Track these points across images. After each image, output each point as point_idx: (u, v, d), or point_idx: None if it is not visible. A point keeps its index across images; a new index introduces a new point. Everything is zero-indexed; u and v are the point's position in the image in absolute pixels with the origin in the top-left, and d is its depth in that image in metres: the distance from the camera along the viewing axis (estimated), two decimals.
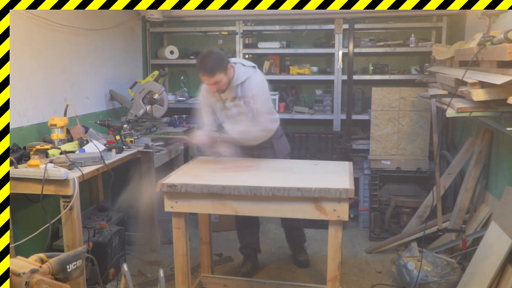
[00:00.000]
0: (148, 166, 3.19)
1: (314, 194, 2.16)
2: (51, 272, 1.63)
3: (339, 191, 2.15)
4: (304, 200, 2.20)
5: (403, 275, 2.89)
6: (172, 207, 2.34)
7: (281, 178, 2.37)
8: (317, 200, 2.18)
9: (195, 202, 2.32)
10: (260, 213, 2.35)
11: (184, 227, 2.39)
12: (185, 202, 2.33)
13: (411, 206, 3.77)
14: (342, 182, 2.30)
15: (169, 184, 2.29)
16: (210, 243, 2.95)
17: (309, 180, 2.31)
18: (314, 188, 2.16)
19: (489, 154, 3.15)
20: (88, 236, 2.87)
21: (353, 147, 4.19)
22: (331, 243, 2.23)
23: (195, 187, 2.26)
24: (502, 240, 2.44)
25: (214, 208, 2.33)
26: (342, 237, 2.24)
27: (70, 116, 3.06)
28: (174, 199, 2.33)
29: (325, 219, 2.21)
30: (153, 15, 4.15)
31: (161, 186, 2.30)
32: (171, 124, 4.14)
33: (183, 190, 2.27)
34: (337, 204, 2.17)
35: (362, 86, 4.38)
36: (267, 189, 2.20)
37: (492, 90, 2.18)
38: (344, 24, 4.15)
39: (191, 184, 2.27)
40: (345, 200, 2.16)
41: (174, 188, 2.28)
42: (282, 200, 2.22)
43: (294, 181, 2.28)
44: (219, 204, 2.30)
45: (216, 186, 2.25)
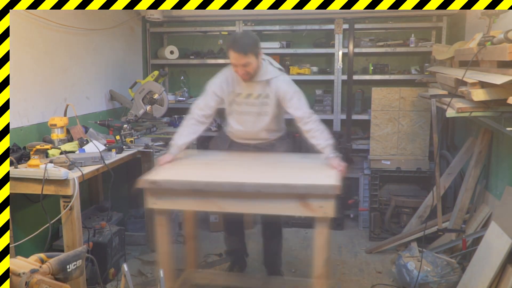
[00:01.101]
0: (148, 166, 3.19)
1: (300, 190, 2.11)
2: (51, 272, 1.63)
3: (326, 187, 2.10)
4: (290, 197, 2.13)
5: (403, 275, 2.89)
6: (155, 204, 2.25)
7: (267, 174, 2.31)
8: (303, 196, 2.12)
9: (178, 199, 2.25)
10: (245, 209, 2.29)
11: (167, 225, 2.33)
12: (167, 199, 2.25)
13: (411, 206, 3.77)
14: (329, 178, 2.23)
15: (151, 181, 2.22)
16: (196, 239, 2.88)
17: (296, 176, 2.25)
18: (300, 184, 2.11)
19: (489, 154, 3.15)
20: (88, 236, 2.87)
21: (353, 147, 4.19)
22: (317, 240, 2.18)
23: (178, 184, 2.20)
24: (502, 240, 2.44)
25: (198, 205, 2.27)
26: (329, 234, 2.19)
27: (70, 116, 3.06)
28: (157, 196, 2.24)
29: (311, 215, 2.14)
30: (153, 15, 4.15)
31: (143, 182, 2.22)
32: (171, 124, 4.14)
33: (165, 187, 2.20)
34: (324, 201, 2.10)
35: (362, 86, 4.38)
36: (252, 186, 2.14)
37: (492, 90, 2.18)
38: (344, 24, 4.15)
39: (173, 180, 2.21)
40: (331, 196, 2.10)
41: (156, 184, 2.20)
42: (267, 197, 2.15)
43: (280, 177, 2.23)
44: (203, 201, 2.23)
45: (200, 183, 2.18)
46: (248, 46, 2.48)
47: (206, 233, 4.02)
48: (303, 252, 3.57)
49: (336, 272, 3.26)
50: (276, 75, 2.65)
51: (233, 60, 2.51)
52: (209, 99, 2.71)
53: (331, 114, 4.28)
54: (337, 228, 4.06)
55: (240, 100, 2.69)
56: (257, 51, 2.52)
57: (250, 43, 2.50)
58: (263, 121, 2.70)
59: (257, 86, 2.63)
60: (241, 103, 2.69)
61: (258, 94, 2.65)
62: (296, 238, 3.90)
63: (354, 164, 4.28)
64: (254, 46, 2.51)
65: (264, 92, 2.64)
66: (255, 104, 2.67)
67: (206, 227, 4.10)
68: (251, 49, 2.48)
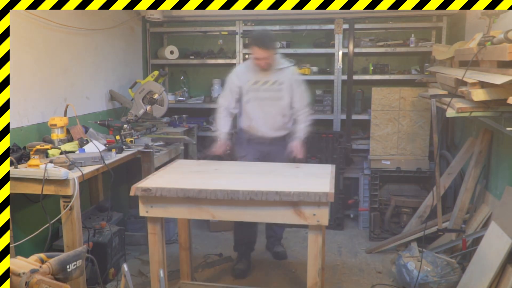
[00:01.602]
0: (148, 166, 3.19)
1: (293, 198, 2.08)
2: (51, 272, 1.63)
3: (319, 195, 2.06)
4: (283, 204, 2.11)
5: (403, 275, 2.89)
6: (147, 212, 2.24)
7: (260, 182, 2.31)
8: (296, 204, 2.10)
9: (171, 207, 2.23)
10: (238, 217, 2.26)
11: (160, 233, 2.31)
12: (160, 206, 2.23)
13: (411, 206, 3.77)
14: (322, 185, 2.21)
15: (144, 188, 2.19)
16: (190, 249, 2.87)
17: (289, 184, 2.24)
18: (293, 192, 2.09)
19: (489, 154, 3.15)
20: (88, 236, 2.86)
21: (353, 147, 4.19)
22: (311, 248, 2.14)
23: (171, 191, 2.17)
24: (502, 240, 2.44)
25: (191, 213, 2.25)
26: (323, 242, 2.16)
27: (70, 116, 3.06)
28: (149, 204, 2.22)
29: (305, 223, 2.13)
30: (153, 15, 4.15)
31: (135, 190, 2.20)
32: (171, 124, 4.13)
33: (158, 194, 2.17)
34: (317, 209, 2.08)
35: (362, 86, 4.38)
36: (245, 193, 2.11)
37: (492, 90, 2.18)
38: (344, 24, 4.15)
39: (166, 188, 2.18)
40: (325, 204, 2.07)
41: (149, 192, 2.18)
42: (260, 205, 2.14)
43: (273, 185, 2.21)
44: (196, 208, 2.21)
45: (192, 190, 2.15)
46: (270, 42, 3.00)
47: (206, 233, 4.02)
48: (303, 252, 3.56)
49: (336, 272, 3.26)
50: (289, 65, 3.15)
51: (256, 55, 2.98)
52: (229, 90, 3.15)
53: (331, 114, 4.28)
54: (337, 228, 4.07)
55: (258, 87, 3.08)
56: (276, 47, 3.13)
57: (272, 40, 3.06)
58: (278, 105, 3.10)
59: (272, 74, 3.07)
60: (258, 89, 3.08)
61: (274, 81, 3.07)
62: (296, 238, 3.90)
63: (354, 164, 4.29)
64: (274, 43, 3.11)
65: (279, 79, 3.07)
66: (271, 90, 3.07)
67: (206, 227, 4.10)
68: (272, 45, 3.01)
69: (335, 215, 4.04)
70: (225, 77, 3.26)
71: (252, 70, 3.08)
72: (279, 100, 3.08)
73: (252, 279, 3.16)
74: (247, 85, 3.08)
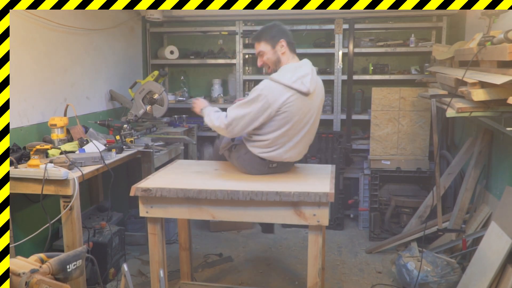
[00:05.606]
0: (148, 166, 3.19)
1: (293, 198, 2.08)
2: (51, 272, 1.63)
3: (319, 195, 2.06)
4: (283, 205, 2.10)
5: (403, 275, 2.89)
6: (147, 212, 2.24)
7: (260, 182, 2.30)
8: (296, 204, 2.09)
9: (171, 207, 2.22)
10: (238, 218, 2.25)
11: (160, 233, 2.31)
12: (160, 207, 2.22)
13: (411, 206, 3.77)
14: (323, 185, 2.20)
15: (144, 188, 2.19)
16: (190, 249, 2.87)
17: (289, 184, 2.24)
18: (293, 192, 2.08)
19: (489, 154, 3.15)
20: (88, 236, 2.87)
21: (353, 147, 4.19)
22: (311, 249, 2.14)
23: (171, 191, 2.16)
24: (502, 240, 2.44)
25: (191, 213, 2.24)
26: (323, 242, 2.15)
27: (70, 116, 3.06)
28: (149, 204, 2.22)
29: (305, 223, 2.12)
30: (153, 15, 4.15)
31: (135, 190, 2.19)
32: (171, 124, 4.13)
33: (158, 195, 2.17)
34: (317, 209, 2.07)
35: (362, 86, 4.38)
36: (245, 193, 2.11)
37: (492, 90, 2.18)
38: (344, 24, 4.15)
39: (166, 188, 2.18)
40: (325, 204, 2.06)
41: (149, 192, 2.18)
42: (260, 205, 2.13)
43: (273, 185, 2.21)
44: (196, 209, 2.21)
45: (192, 190, 2.15)
46: (261, 33, 2.43)
47: (206, 233, 4.02)
48: (303, 252, 3.56)
49: (336, 272, 3.26)
50: (271, 77, 2.33)
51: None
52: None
53: (331, 114, 4.28)
54: (337, 228, 4.07)
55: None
56: (273, 40, 2.40)
57: (266, 32, 2.43)
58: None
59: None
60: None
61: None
62: (296, 238, 3.90)
63: (354, 164, 4.29)
64: (268, 35, 2.41)
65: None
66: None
67: (206, 227, 4.10)
68: (264, 38, 2.41)
69: (335, 215, 4.04)
70: (225, 77, 3.20)
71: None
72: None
73: (251, 279, 3.17)
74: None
